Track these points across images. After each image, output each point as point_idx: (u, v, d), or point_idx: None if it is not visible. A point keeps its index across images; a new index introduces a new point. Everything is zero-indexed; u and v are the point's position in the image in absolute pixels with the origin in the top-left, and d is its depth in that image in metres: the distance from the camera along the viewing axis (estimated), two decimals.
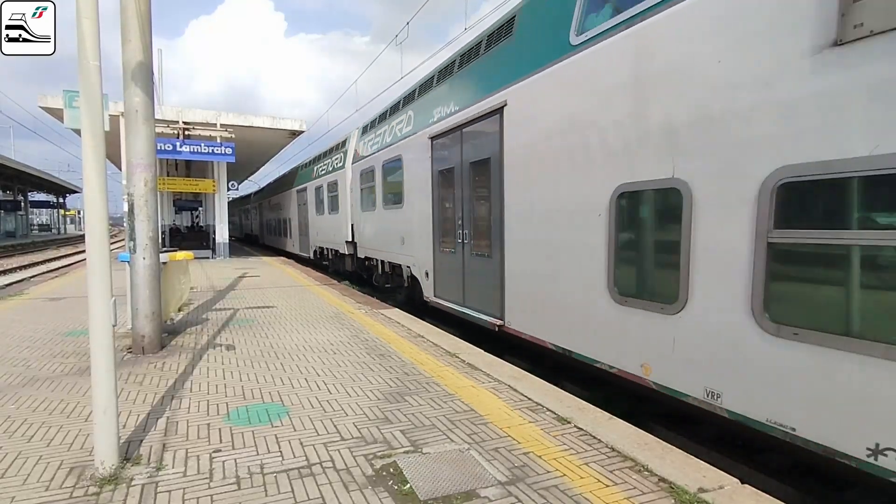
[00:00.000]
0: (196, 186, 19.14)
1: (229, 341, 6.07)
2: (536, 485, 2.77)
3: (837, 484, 3.34)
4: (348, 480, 2.81)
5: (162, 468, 2.95)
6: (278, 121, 17.84)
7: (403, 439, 3.35)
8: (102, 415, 2.84)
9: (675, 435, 4.10)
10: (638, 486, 2.76)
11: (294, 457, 3.10)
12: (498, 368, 4.94)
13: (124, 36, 5.25)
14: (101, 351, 2.85)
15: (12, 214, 48.61)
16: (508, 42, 6.13)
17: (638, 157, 4.07)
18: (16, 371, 4.83)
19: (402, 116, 9.68)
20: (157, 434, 3.44)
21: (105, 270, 2.87)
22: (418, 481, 2.79)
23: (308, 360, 5.26)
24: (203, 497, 2.64)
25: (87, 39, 2.76)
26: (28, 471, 2.91)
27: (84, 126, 2.83)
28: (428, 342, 6.02)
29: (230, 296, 9.86)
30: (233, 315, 7.78)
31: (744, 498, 2.62)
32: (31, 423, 3.60)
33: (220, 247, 19.40)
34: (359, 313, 7.88)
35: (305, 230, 19.48)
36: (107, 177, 2.98)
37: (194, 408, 3.92)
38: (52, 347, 5.72)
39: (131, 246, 5.48)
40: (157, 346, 5.58)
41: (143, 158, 5.47)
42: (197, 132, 16.86)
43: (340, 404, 3.99)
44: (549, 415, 3.77)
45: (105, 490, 2.70)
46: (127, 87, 5.37)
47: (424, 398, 4.12)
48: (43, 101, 14.67)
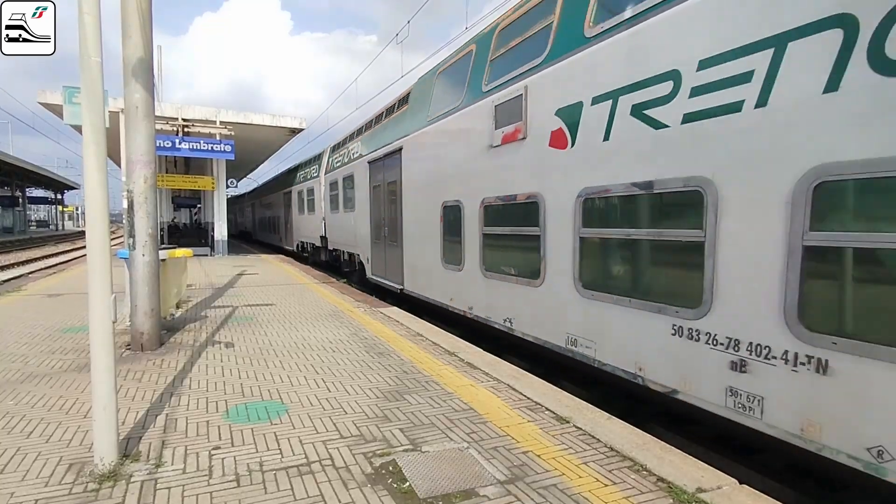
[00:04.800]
0: (195, 184, 19.08)
1: (228, 338, 6.06)
2: (535, 484, 2.78)
3: (835, 485, 3.35)
4: (347, 478, 2.81)
5: (161, 465, 2.95)
6: (278, 118, 17.82)
7: (403, 438, 3.35)
8: (102, 411, 2.84)
9: (674, 435, 4.11)
10: (636, 486, 2.77)
11: (293, 454, 3.10)
12: (497, 368, 4.94)
13: (125, 32, 5.24)
14: (101, 347, 2.85)
15: (10, 210, 48.44)
16: (406, 107, 9.52)
17: (447, 186, 7.35)
18: (14, 367, 4.82)
19: (356, 143, 12.80)
20: (157, 431, 3.44)
21: (105, 267, 2.87)
22: (417, 480, 2.79)
23: (307, 357, 5.26)
24: (202, 494, 2.64)
25: (88, 36, 2.76)
26: (27, 467, 2.91)
27: (85, 122, 2.83)
28: (427, 341, 6.02)
29: (229, 293, 9.86)
30: (232, 312, 7.78)
31: (742, 498, 2.63)
32: (29, 419, 3.60)
33: (218, 244, 19.37)
34: (358, 311, 7.88)
35: (290, 227, 22.50)
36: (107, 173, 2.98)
37: (193, 405, 3.92)
38: (50, 344, 5.71)
39: (130, 243, 5.47)
40: (156, 343, 5.57)
41: (143, 155, 5.46)
42: (196, 129, 16.82)
43: (340, 402, 4.00)
44: (548, 414, 3.78)
45: (104, 486, 2.70)
46: (127, 84, 5.36)
47: (424, 397, 4.13)
48: (42, 97, 14.63)
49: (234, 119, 17.24)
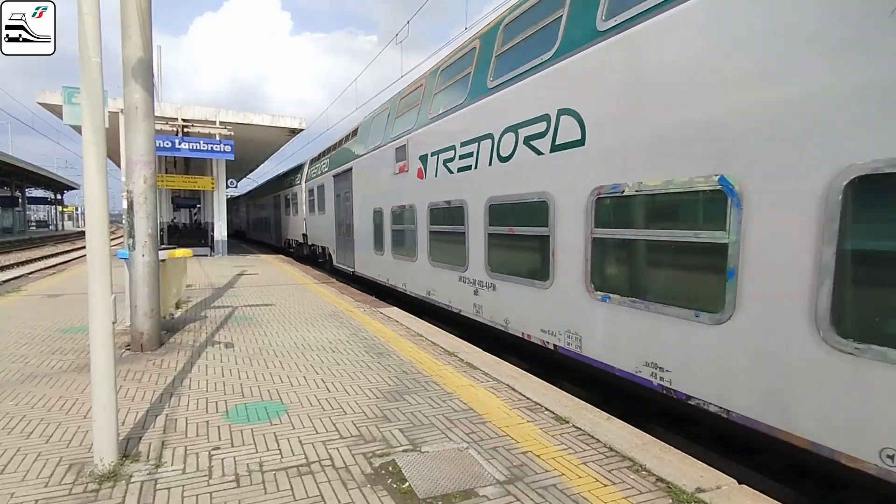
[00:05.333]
0: (195, 184, 19.06)
1: (228, 339, 6.07)
2: (535, 484, 2.78)
3: (835, 484, 3.35)
4: (347, 479, 2.82)
5: (161, 465, 2.96)
6: (278, 118, 17.81)
7: (402, 438, 3.36)
8: (102, 411, 2.85)
9: (673, 435, 4.12)
10: (636, 486, 2.77)
11: (293, 455, 3.10)
12: (497, 368, 4.94)
13: (125, 33, 5.24)
14: (101, 348, 2.85)
15: (9, 211, 48.39)
16: (355, 137, 12.76)
17: (375, 198, 10.51)
18: (14, 368, 4.83)
19: (326, 159, 16.14)
20: (157, 431, 3.44)
21: (105, 267, 2.87)
22: (417, 480, 2.79)
23: (307, 358, 5.26)
24: (202, 494, 2.65)
25: (88, 36, 2.76)
26: (27, 467, 2.91)
27: (85, 122, 2.83)
28: (427, 341, 6.02)
29: (229, 293, 9.86)
30: (231, 313, 7.78)
31: (741, 498, 2.63)
32: (29, 419, 3.60)
33: (218, 244, 19.35)
34: (357, 311, 7.88)
35: (279, 227, 26.18)
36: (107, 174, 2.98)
37: (193, 405, 3.93)
38: (50, 344, 5.71)
39: (130, 243, 5.47)
40: (156, 344, 5.57)
41: (142, 155, 5.46)
42: (196, 129, 16.81)
43: (339, 402, 4.00)
44: (548, 414, 3.78)
45: (104, 486, 2.70)
46: (127, 84, 5.36)
47: (423, 397, 4.13)
48: (42, 97, 14.61)
49: (234, 119, 17.23)
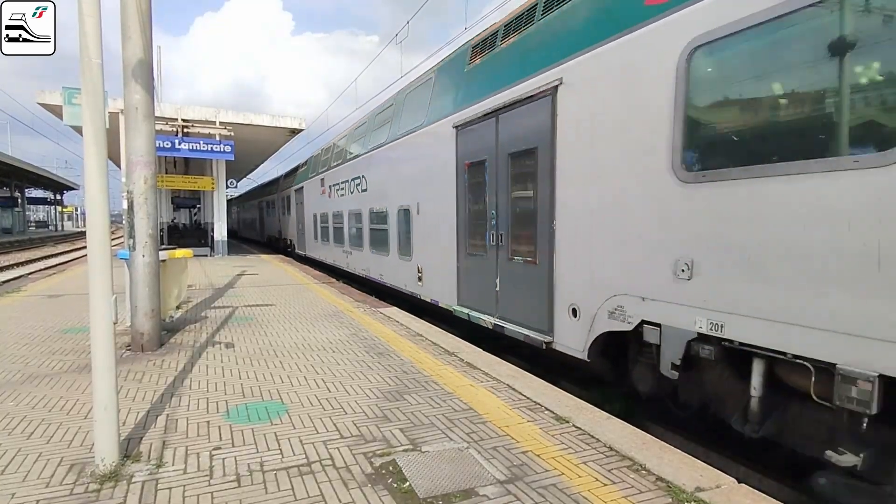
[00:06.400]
0: (195, 184, 19.06)
1: (228, 339, 6.07)
2: (535, 483, 2.79)
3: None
4: (348, 478, 2.82)
5: (162, 465, 2.96)
6: (278, 119, 17.81)
7: (402, 438, 3.36)
8: (103, 412, 2.85)
9: (673, 434, 4.13)
10: (635, 486, 2.78)
11: (294, 454, 3.11)
12: (497, 367, 4.95)
13: (125, 33, 5.24)
14: (102, 348, 2.85)
15: (9, 211, 48.38)
16: (305, 167, 18.88)
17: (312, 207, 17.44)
18: (14, 368, 4.83)
19: (292, 177, 21.46)
20: (157, 431, 3.45)
21: (106, 268, 2.87)
22: (417, 479, 2.80)
23: (307, 358, 5.27)
24: (203, 494, 2.65)
25: (88, 37, 2.77)
26: (28, 467, 2.92)
27: (86, 123, 2.83)
28: (427, 341, 6.03)
29: (229, 293, 9.87)
30: (232, 313, 7.78)
31: (741, 497, 2.64)
32: (30, 420, 3.61)
33: (218, 244, 19.36)
34: (357, 311, 7.89)
35: (262, 226, 32.08)
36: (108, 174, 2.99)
37: (194, 405, 3.93)
38: (50, 344, 5.71)
39: (131, 243, 5.47)
40: (157, 344, 5.58)
41: (143, 156, 5.46)
42: (196, 130, 16.80)
43: (340, 402, 4.00)
44: (548, 414, 3.79)
45: (105, 487, 2.71)
46: (127, 84, 5.36)
47: (423, 397, 4.14)
48: (41, 98, 14.59)
49: (234, 119, 17.22)
